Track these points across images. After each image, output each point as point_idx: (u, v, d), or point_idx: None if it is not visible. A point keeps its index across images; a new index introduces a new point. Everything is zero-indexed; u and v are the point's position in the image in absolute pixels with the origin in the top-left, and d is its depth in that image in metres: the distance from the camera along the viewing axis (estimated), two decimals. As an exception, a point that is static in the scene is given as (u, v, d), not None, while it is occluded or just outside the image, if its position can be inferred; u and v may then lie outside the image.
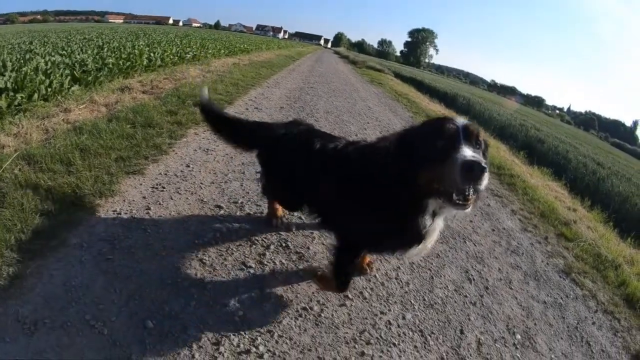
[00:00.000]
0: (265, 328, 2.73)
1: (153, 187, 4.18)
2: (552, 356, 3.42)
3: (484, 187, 2.20)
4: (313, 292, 3.20)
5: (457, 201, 2.21)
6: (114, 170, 4.33)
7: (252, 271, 3.25)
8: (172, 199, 4.04)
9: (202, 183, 4.46)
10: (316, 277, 3.30)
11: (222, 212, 3.98)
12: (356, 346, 2.80)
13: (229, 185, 4.54)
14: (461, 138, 2.25)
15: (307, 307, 3.03)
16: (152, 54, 12.41)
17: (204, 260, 3.24)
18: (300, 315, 2.93)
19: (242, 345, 2.56)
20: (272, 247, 3.63)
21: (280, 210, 4.06)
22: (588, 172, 17.07)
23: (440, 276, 3.97)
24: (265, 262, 3.39)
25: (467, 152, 2.16)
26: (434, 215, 2.56)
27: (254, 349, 2.55)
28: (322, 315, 2.99)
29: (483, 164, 2.11)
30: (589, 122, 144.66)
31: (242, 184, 4.65)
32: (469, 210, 2.29)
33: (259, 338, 2.64)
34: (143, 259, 3.12)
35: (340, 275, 3.05)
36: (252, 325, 2.73)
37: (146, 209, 3.78)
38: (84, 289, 2.74)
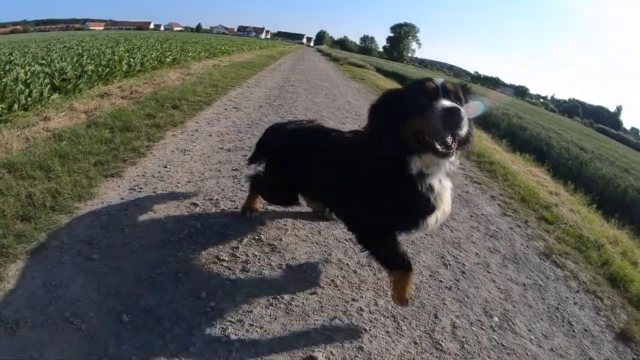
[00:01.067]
0: (236, 318, 2.78)
1: (131, 189, 4.24)
2: (532, 337, 3.44)
3: (464, 133, 2.39)
4: (284, 282, 3.26)
5: (440, 149, 2.35)
6: (93, 174, 4.39)
7: (225, 264, 3.31)
8: (149, 198, 4.10)
9: (178, 182, 4.51)
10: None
11: (197, 209, 4.04)
12: (326, 332, 2.85)
13: (205, 183, 4.60)
14: (440, 93, 2.41)
15: (278, 296, 3.08)
16: (131, 60, 12.41)
17: (179, 256, 3.30)
18: (271, 305, 2.98)
19: (215, 335, 2.61)
20: (245, 240, 3.69)
21: (257, 204, 4.15)
22: (571, 156, 17.16)
23: (415, 262, 4.00)
24: (238, 255, 3.45)
25: (446, 102, 2.32)
26: (429, 176, 2.66)
27: (225, 338, 2.60)
28: (293, 303, 3.04)
29: (461, 109, 2.27)
30: (573, 109, 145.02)
31: (218, 181, 4.71)
32: (453, 159, 2.48)
33: (229, 327, 2.69)
34: (120, 257, 3.18)
35: (387, 264, 3.06)
36: (223, 315, 2.79)
37: (124, 210, 3.83)
38: (63, 288, 2.81)
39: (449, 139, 2.35)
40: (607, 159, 22.93)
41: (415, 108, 2.40)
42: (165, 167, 4.86)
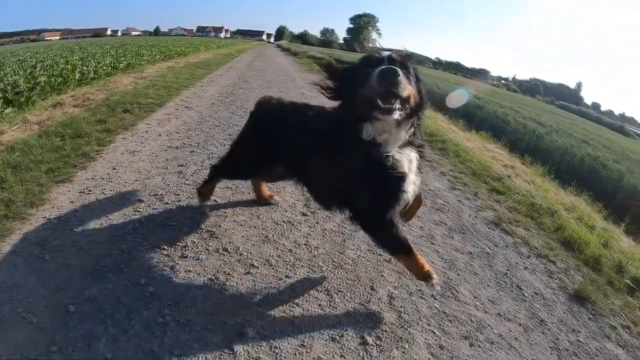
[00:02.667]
0: (173, 300, 2.90)
1: (80, 192, 4.33)
2: (477, 303, 3.50)
3: (406, 94, 2.57)
4: (220, 265, 3.38)
5: (381, 104, 2.51)
6: (44, 181, 4.46)
7: (164, 252, 3.44)
8: (97, 199, 4.20)
9: (126, 182, 4.61)
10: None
11: (142, 205, 4.15)
12: (258, 308, 2.96)
13: (151, 180, 4.70)
14: (385, 62, 2.60)
15: (214, 277, 3.21)
16: (84, 68, 12.33)
17: (123, 249, 3.42)
18: (207, 286, 3.10)
19: (151, 317, 2.73)
20: (185, 229, 3.82)
21: (212, 191, 4.36)
22: (527, 131, 17.24)
23: (354, 238, 4.11)
24: (178, 243, 3.58)
25: (385, 66, 2.51)
26: (387, 145, 2.82)
27: (161, 319, 2.73)
28: (227, 284, 3.16)
29: (396, 69, 2.46)
30: (534, 88, 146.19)
31: (164, 178, 4.81)
32: (396, 116, 2.58)
33: (166, 309, 2.82)
34: (69, 255, 3.30)
35: (387, 241, 3.19)
36: (161, 299, 2.91)
37: (74, 212, 3.94)
38: (17, 288, 2.92)
39: (392, 99, 2.51)
40: (565, 132, 23.21)
41: (363, 77, 2.58)
42: (114, 168, 4.94)
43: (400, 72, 2.50)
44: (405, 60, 2.78)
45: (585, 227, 5.86)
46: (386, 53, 2.74)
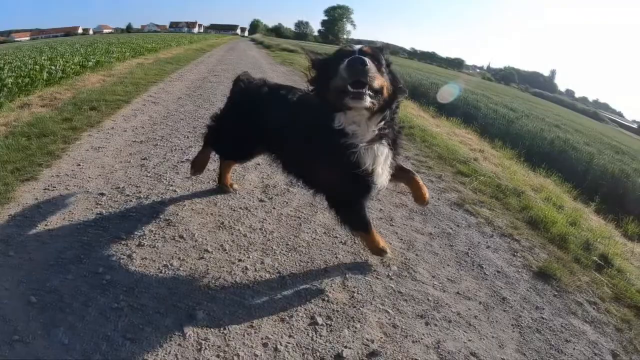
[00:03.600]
0: (128, 286, 2.97)
1: (45, 189, 4.35)
2: (435, 283, 3.54)
3: (375, 83, 2.63)
4: (175, 251, 3.45)
5: (351, 91, 2.56)
6: (10, 180, 4.46)
7: (122, 242, 3.50)
8: (61, 195, 4.23)
9: (89, 177, 4.64)
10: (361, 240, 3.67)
11: (104, 198, 4.20)
12: (209, 291, 3.03)
13: (114, 175, 4.74)
14: (356, 54, 2.66)
15: (168, 264, 3.28)
16: (52, 67, 12.17)
17: (83, 240, 3.48)
18: (161, 272, 3.17)
19: (107, 303, 2.80)
20: (143, 219, 3.88)
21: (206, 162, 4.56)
22: (498, 116, 17.34)
23: (310, 222, 4.19)
24: (135, 232, 3.64)
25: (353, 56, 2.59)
26: (358, 136, 2.88)
27: (116, 305, 2.80)
28: (181, 269, 3.23)
29: (364, 58, 2.54)
30: (509, 76, 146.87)
31: (126, 171, 4.86)
32: (367, 103, 2.62)
33: (121, 295, 2.88)
34: (32, 249, 3.34)
35: (350, 221, 3.41)
36: (117, 286, 2.98)
37: (38, 208, 3.96)
38: (-18, 285, 2.95)
39: (361, 86, 2.57)
40: (536, 117, 23.41)
41: (334, 68, 2.64)
42: (79, 165, 4.97)
43: (368, 61, 2.57)
44: (377, 52, 2.83)
45: (553, 206, 5.92)
46: (358, 46, 2.81)
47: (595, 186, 10.43)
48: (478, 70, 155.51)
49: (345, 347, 2.73)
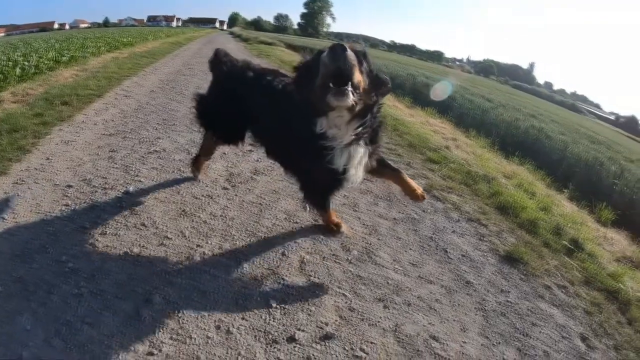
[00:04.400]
0: (89, 273, 3.02)
1: (14, 183, 4.34)
2: (397, 267, 3.55)
3: (356, 80, 2.57)
4: (136, 239, 3.49)
5: (334, 88, 2.49)
6: None
7: (87, 231, 3.53)
8: (30, 188, 4.22)
9: (58, 170, 4.63)
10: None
11: (71, 190, 4.21)
12: (167, 276, 3.08)
13: (82, 167, 4.74)
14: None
15: (129, 250, 3.32)
16: (25, 63, 11.98)
17: (49, 230, 3.51)
18: (122, 259, 3.21)
19: (69, 290, 2.85)
20: (108, 208, 3.91)
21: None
22: (474, 106, 17.43)
23: (272, 208, 4.22)
24: (99, 221, 3.67)
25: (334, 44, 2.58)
26: (337, 139, 2.87)
27: (77, 291, 2.85)
28: (141, 255, 3.28)
29: (346, 47, 2.51)
30: (488, 69, 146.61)
31: (94, 164, 4.86)
32: (350, 100, 2.52)
33: (82, 282, 2.93)
34: (0, 242, 3.36)
35: (312, 202, 3.62)
36: (79, 273, 3.02)
37: (6, 202, 3.97)
38: (-50, 278, 2.98)
39: (343, 81, 2.52)
40: (513, 107, 23.58)
41: (316, 67, 2.60)
42: (48, 159, 4.95)
43: (349, 49, 2.55)
44: (359, 54, 2.78)
45: (524, 193, 5.94)
46: (340, 44, 2.73)
47: (569, 174, 10.58)
48: (457, 63, 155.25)
49: (299, 329, 2.77)
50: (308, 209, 4.18)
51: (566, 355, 3.01)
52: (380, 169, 3.52)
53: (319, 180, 3.25)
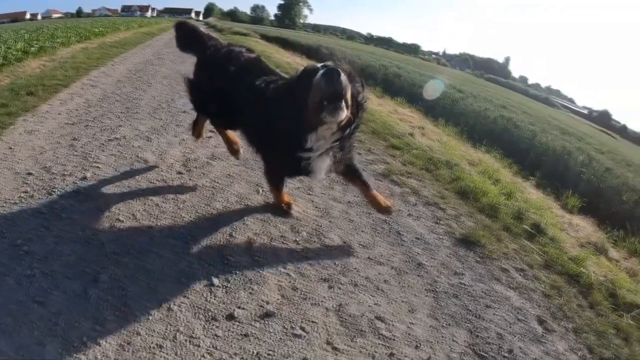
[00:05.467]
0: (43, 256, 3.05)
1: None
2: (347, 248, 3.61)
3: (349, 97, 2.75)
4: (90, 222, 3.52)
5: (328, 105, 2.64)
6: None
7: (43, 216, 3.54)
8: None
9: (20, 159, 4.61)
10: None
11: (31, 177, 4.20)
12: (115, 257, 3.12)
13: (43, 155, 4.73)
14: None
15: (81, 233, 3.35)
16: (-9, 54, 11.67)
17: (7, 217, 3.52)
18: (74, 241, 3.23)
19: (22, 272, 2.88)
20: (64, 194, 3.92)
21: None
22: (444, 96, 17.63)
23: (225, 192, 4.27)
24: (55, 206, 3.68)
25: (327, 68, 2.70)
26: (319, 150, 3.04)
27: (29, 272, 2.88)
28: (92, 238, 3.30)
29: (338, 70, 2.64)
30: (464, 62, 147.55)
31: (55, 152, 4.85)
32: (344, 113, 2.69)
33: (35, 264, 2.96)
34: None
35: (270, 180, 3.80)
36: (33, 255, 3.04)
37: None
38: None
39: (339, 101, 2.66)
40: (484, 98, 23.74)
41: (307, 84, 2.73)
42: (11, 148, 4.92)
43: (343, 75, 2.67)
44: (350, 76, 2.93)
45: (488, 179, 5.97)
46: (328, 64, 2.86)
47: (537, 162, 10.81)
48: (434, 56, 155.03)
49: (239, 307, 2.82)
50: (260, 192, 4.29)
51: (521, 337, 3.02)
52: (351, 176, 3.69)
53: (288, 170, 3.51)
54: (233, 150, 4.57)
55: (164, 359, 2.39)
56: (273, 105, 3.19)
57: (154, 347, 2.45)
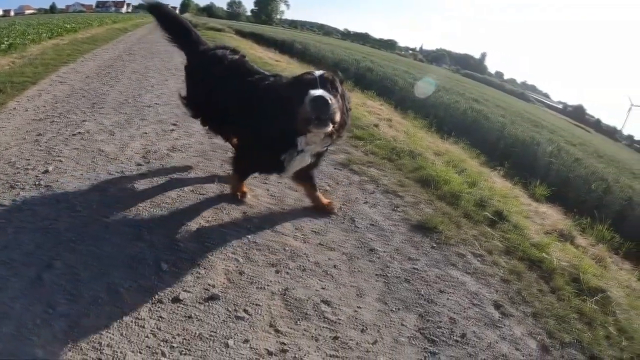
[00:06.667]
0: (2, 245, 3.09)
1: None
2: (297, 234, 3.66)
3: (337, 118, 2.89)
4: (49, 213, 3.56)
5: (315, 120, 2.81)
6: None
7: (6, 207, 3.57)
8: None
9: None
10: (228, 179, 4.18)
11: None
12: (71, 244, 3.16)
13: (8, 151, 4.75)
14: (317, 84, 2.87)
15: (40, 223, 3.40)
16: (-39, 52, 11.45)
17: None
18: (33, 231, 3.27)
19: None
20: (27, 187, 3.94)
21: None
22: (414, 89, 17.46)
23: (181, 182, 4.32)
24: (18, 199, 3.72)
25: (317, 91, 2.79)
26: (300, 151, 3.22)
27: None
28: (50, 227, 3.35)
29: (326, 97, 2.74)
30: (440, 58, 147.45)
31: (20, 147, 4.86)
32: (329, 129, 2.87)
33: None
34: None
35: (236, 170, 3.91)
36: None
37: None
38: None
39: (322, 119, 2.80)
40: (456, 92, 23.73)
41: (299, 99, 2.82)
42: None
43: (330, 98, 2.79)
44: (335, 80, 3.04)
45: (453, 169, 5.98)
46: (318, 73, 2.99)
47: (506, 153, 10.87)
48: (410, 52, 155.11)
49: (185, 290, 2.89)
50: (216, 182, 4.36)
51: (475, 322, 3.00)
52: (304, 177, 3.85)
53: (265, 166, 3.67)
54: None
55: (109, 338, 2.46)
56: (266, 104, 3.33)
57: (100, 328, 2.52)
